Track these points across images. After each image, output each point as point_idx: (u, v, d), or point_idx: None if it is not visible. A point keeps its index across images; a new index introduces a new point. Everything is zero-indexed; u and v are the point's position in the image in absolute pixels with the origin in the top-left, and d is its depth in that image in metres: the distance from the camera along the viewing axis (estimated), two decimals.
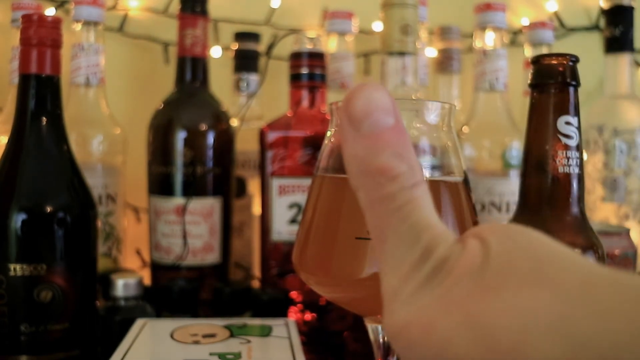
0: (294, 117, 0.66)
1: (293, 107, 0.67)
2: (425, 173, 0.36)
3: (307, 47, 0.66)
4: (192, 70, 0.74)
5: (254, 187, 0.82)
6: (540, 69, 0.44)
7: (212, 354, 0.44)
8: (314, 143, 0.63)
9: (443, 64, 0.88)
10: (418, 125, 0.37)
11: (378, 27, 0.89)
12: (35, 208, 0.51)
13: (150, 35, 0.93)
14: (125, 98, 0.93)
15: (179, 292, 0.63)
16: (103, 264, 0.66)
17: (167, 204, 0.71)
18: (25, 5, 0.72)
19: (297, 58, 0.66)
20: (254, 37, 0.87)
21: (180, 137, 0.71)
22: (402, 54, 0.57)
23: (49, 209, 0.52)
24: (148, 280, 0.73)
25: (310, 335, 0.61)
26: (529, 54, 0.85)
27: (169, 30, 0.87)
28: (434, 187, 0.36)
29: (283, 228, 0.63)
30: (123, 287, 0.58)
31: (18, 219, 0.50)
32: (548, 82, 0.44)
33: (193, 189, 0.71)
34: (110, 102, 0.75)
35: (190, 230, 0.71)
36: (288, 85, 0.68)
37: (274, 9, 0.94)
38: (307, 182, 0.59)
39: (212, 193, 0.72)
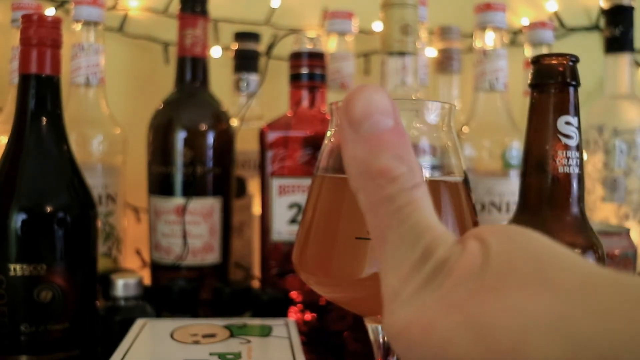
0: (294, 117, 0.66)
1: (293, 107, 0.67)
2: (425, 173, 0.36)
3: (307, 47, 0.66)
4: (192, 70, 0.74)
5: (254, 187, 0.82)
6: (540, 69, 0.44)
7: (212, 354, 0.44)
8: (314, 143, 0.63)
9: (443, 64, 0.88)
10: (418, 125, 0.37)
11: (378, 27, 0.89)
12: (35, 208, 0.51)
13: (150, 35, 0.93)
14: (125, 98, 0.93)
15: (179, 292, 0.63)
16: (103, 264, 0.66)
17: (167, 204, 0.71)
18: (25, 5, 0.72)
19: (297, 58, 0.66)
20: (254, 37, 0.87)
21: (180, 137, 0.71)
22: (402, 54, 0.57)
23: (49, 209, 0.52)
24: (148, 280, 0.73)
25: (310, 335, 0.61)
26: (529, 54, 0.85)
27: (169, 30, 0.87)
28: (434, 187, 0.36)
29: (283, 228, 0.63)
30: (123, 287, 0.58)
31: (18, 219, 0.50)
32: (548, 82, 0.44)
33: (193, 189, 0.71)
34: (110, 102, 0.75)
35: (190, 230, 0.71)
36: (288, 85, 0.67)
37: (274, 9, 0.94)
38: (307, 182, 0.59)
39: (212, 193, 0.72)
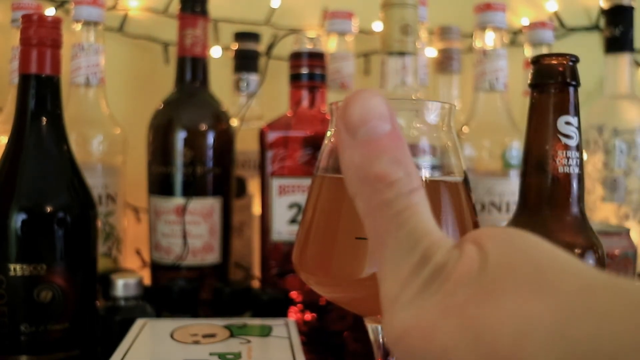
0: (294, 117, 0.66)
1: (293, 107, 0.67)
2: (425, 173, 0.36)
3: (307, 47, 0.66)
4: (192, 70, 0.74)
5: (254, 187, 0.82)
6: (540, 69, 0.44)
7: (212, 354, 0.44)
8: (314, 143, 0.63)
9: (443, 64, 0.88)
10: (418, 125, 0.37)
11: (378, 27, 0.89)
12: (35, 208, 0.51)
13: (150, 35, 0.93)
14: (125, 98, 0.93)
15: (179, 292, 0.63)
16: (103, 264, 0.66)
17: (167, 204, 0.71)
18: (25, 5, 0.72)
19: (297, 58, 0.66)
20: (254, 37, 0.87)
21: (180, 137, 0.71)
22: (402, 54, 0.57)
23: (49, 209, 0.52)
24: (148, 280, 0.73)
25: (310, 335, 0.61)
26: (529, 54, 0.85)
27: (169, 30, 0.87)
28: (434, 187, 0.36)
29: (283, 228, 0.63)
30: (123, 287, 0.58)
31: (18, 219, 0.50)
32: (548, 82, 0.44)
33: (193, 189, 0.71)
34: (110, 102, 0.75)
35: (190, 230, 0.71)
36: (288, 85, 0.67)
37: (274, 9, 0.94)
38: (307, 182, 0.59)
39: (212, 193, 0.72)
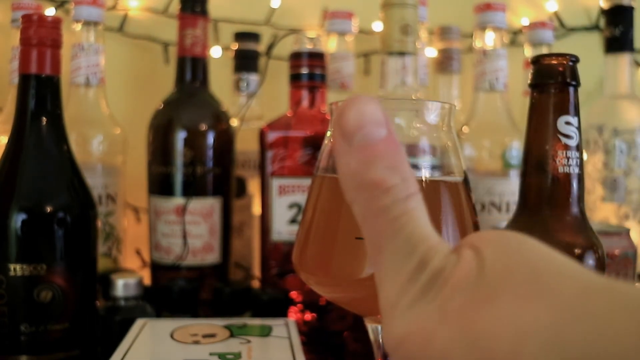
0: (294, 117, 0.66)
1: (293, 107, 0.67)
2: (425, 173, 0.36)
3: (307, 47, 0.66)
4: (192, 70, 0.74)
5: (254, 187, 0.82)
6: (540, 69, 0.44)
7: (212, 354, 0.44)
8: (314, 143, 0.63)
9: (443, 64, 0.88)
10: (418, 125, 0.37)
11: (378, 27, 0.89)
12: (35, 208, 0.51)
13: (150, 35, 0.93)
14: (125, 98, 0.93)
15: (179, 292, 0.63)
16: (103, 264, 0.66)
17: (167, 204, 0.71)
18: (25, 5, 0.72)
19: (297, 58, 0.66)
20: (254, 37, 0.87)
21: (180, 137, 0.71)
22: (402, 54, 0.57)
23: (49, 209, 0.52)
24: (148, 280, 0.73)
25: (310, 335, 0.61)
26: (529, 54, 0.85)
27: (169, 30, 0.87)
28: (434, 187, 0.36)
29: (283, 228, 0.63)
30: (123, 287, 0.58)
31: (18, 219, 0.50)
32: (548, 82, 0.44)
33: (193, 189, 0.71)
34: (110, 102, 0.75)
35: (190, 230, 0.71)
36: (288, 85, 0.67)
37: (274, 9, 0.94)
38: (307, 182, 0.59)
39: (212, 193, 0.72)
